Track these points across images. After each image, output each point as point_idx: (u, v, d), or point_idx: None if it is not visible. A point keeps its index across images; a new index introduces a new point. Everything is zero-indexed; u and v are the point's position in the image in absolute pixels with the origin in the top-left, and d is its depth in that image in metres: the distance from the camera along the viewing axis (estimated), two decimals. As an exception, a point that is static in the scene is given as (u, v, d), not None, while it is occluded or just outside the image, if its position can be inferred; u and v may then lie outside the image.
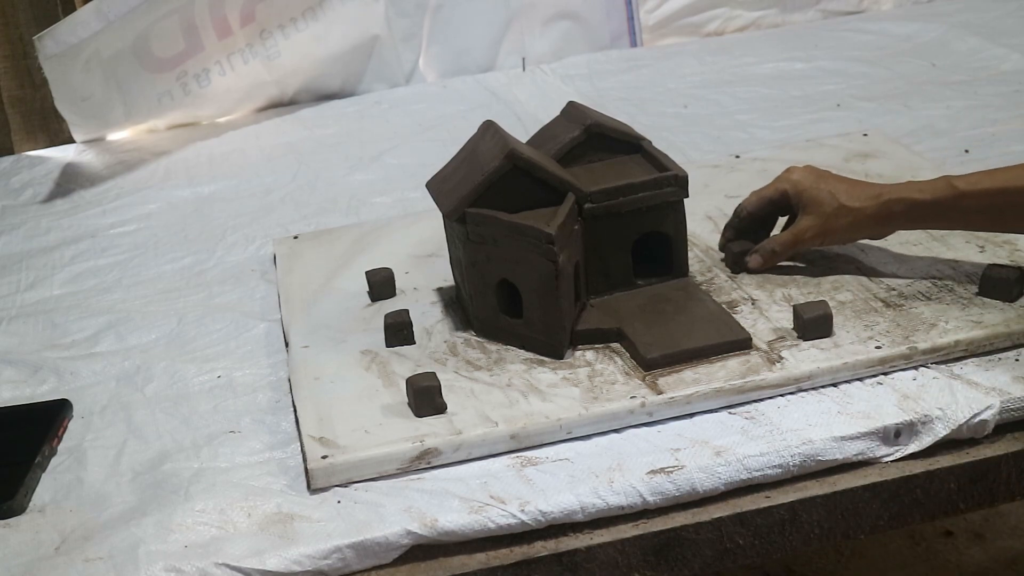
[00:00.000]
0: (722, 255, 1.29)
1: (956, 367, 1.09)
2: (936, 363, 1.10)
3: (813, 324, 1.11)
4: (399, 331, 1.18)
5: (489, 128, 1.20)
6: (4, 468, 1.06)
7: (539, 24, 2.20)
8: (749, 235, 1.27)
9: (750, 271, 1.25)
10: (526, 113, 1.90)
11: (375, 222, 1.50)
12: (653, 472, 0.99)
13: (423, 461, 1.02)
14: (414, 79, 2.16)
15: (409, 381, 1.07)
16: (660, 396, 1.06)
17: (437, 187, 1.20)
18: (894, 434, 1.02)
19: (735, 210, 1.28)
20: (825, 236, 1.21)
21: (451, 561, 0.96)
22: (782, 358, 1.09)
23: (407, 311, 1.20)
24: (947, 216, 1.16)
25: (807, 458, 1.00)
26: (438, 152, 1.37)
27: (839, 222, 1.19)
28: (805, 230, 1.21)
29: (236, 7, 1.95)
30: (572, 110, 1.28)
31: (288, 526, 0.97)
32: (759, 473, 1.00)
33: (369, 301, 1.28)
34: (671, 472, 0.98)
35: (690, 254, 1.25)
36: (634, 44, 2.24)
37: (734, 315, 1.16)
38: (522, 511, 0.96)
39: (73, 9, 1.95)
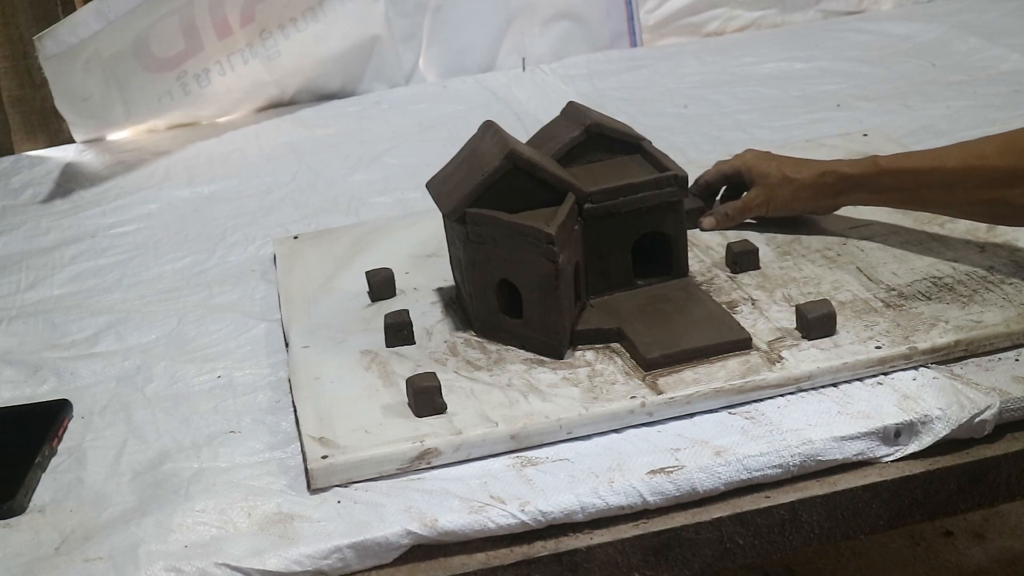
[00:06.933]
0: (723, 253, 1.29)
1: (956, 367, 1.09)
2: (936, 363, 1.10)
3: (817, 323, 1.11)
4: (399, 331, 1.18)
5: (489, 128, 1.20)
6: (4, 468, 1.06)
7: (539, 24, 2.20)
8: (706, 201, 1.40)
9: (703, 230, 1.36)
10: (526, 113, 1.90)
11: (375, 222, 1.50)
12: (653, 472, 0.99)
13: (423, 461, 1.02)
14: (414, 79, 2.16)
15: (409, 381, 1.07)
16: (660, 396, 1.06)
17: (437, 187, 1.20)
18: (894, 434, 1.02)
19: (696, 178, 1.39)
20: (770, 203, 1.33)
21: (451, 561, 0.96)
22: (782, 358, 1.09)
23: (407, 311, 1.20)
24: (871, 190, 1.26)
25: (807, 458, 1.00)
26: (438, 152, 1.37)
27: (782, 191, 1.32)
28: (753, 198, 1.34)
29: (236, 7, 1.95)
30: (572, 110, 1.28)
31: (288, 526, 0.97)
32: (759, 473, 1.00)
33: (369, 301, 1.28)
34: (671, 472, 0.98)
35: (690, 254, 1.25)
36: (634, 44, 2.24)
37: (734, 315, 1.16)
38: (522, 511, 0.96)
39: (73, 9, 1.95)
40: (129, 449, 1.10)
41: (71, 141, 2.00)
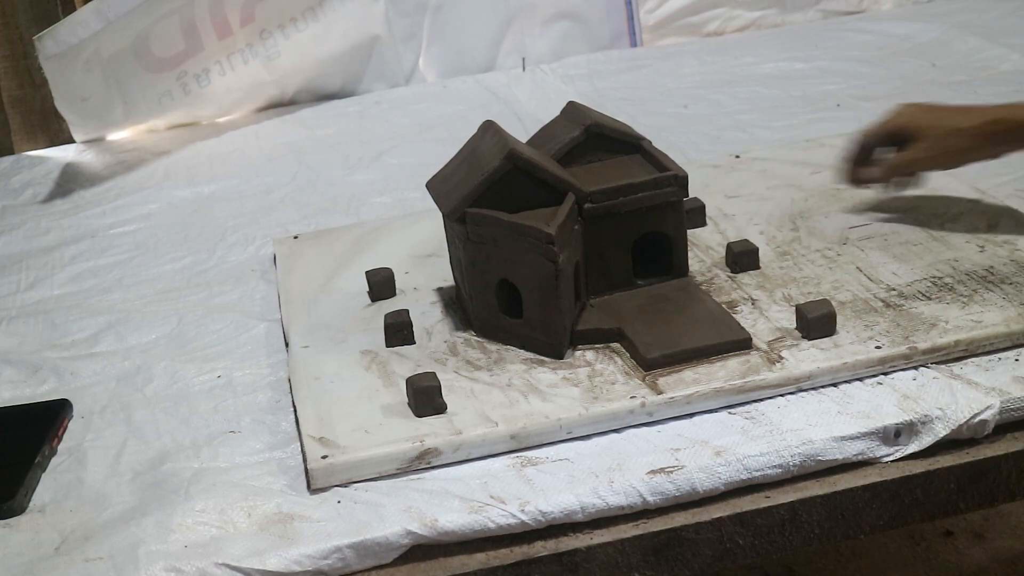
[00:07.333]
0: (723, 253, 1.29)
1: (956, 367, 1.09)
2: (936, 363, 1.10)
3: (817, 323, 1.11)
4: (399, 331, 1.18)
5: (489, 128, 1.20)
6: (4, 468, 1.06)
7: (539, 24, 2.20)
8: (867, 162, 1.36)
9: (867, 181, 1.34)
10: (526, 113, 1.90)
11: (375, 222, 1.50)
12: (653, 472, 0.99)
13: (423, 461, 1.02)
14: (414, 79, 2.16)
15: (409, 381, 1.07)
16: (660, 396, 1.06)
17: (437, 187, 1.20)
18: (894, 434, 1.02)
19: (858, 139, 1.34)
20: (938, 156, 1.29)
21: (451, 561, 0.96)
22: (782, 358, 1.09)
23: (407, 311, 1.20)
24: None
25: (807, 458, 1.00)
26: (438, 152, 1.37)
27: (950, 142, 1.28)
28: (918, 150, 1.29)
29: (236, 7, 1.95)
30: (572, 110, 1.28)
31: (288, 526, 0.97)
32: (759, 473, 1.00)
33: (369, 301, 1.28)
34: (671, 472, 0.98)
35: (690, 254, 1.25)
36: (634, 44, 2.24)
37: (734, 315, 1.16)
38: (522, 511, 0.96)
39: (73, 9, 1.95)
40: (129, 449, 1.10)
41: (71, 141, 2.00)
